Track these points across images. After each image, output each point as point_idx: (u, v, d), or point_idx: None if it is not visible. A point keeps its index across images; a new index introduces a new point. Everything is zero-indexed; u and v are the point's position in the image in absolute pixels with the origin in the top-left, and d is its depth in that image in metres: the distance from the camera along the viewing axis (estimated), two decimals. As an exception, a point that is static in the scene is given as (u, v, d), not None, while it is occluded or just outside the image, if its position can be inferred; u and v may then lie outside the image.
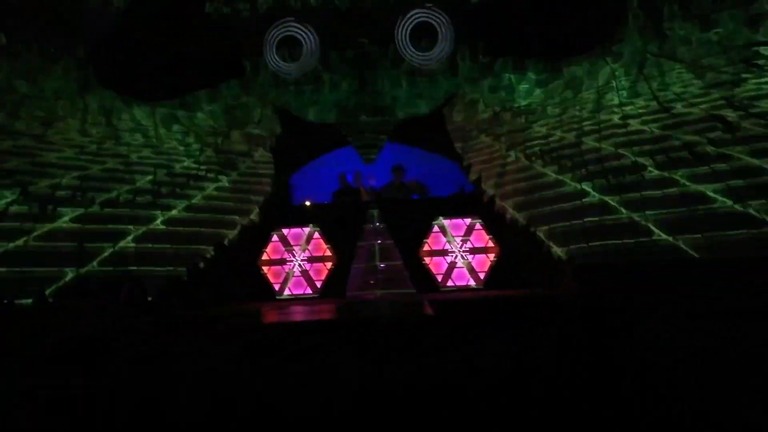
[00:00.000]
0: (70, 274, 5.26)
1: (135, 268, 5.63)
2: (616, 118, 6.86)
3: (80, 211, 5.79)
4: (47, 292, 5.04)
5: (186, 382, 3.23)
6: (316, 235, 6.87)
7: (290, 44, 7.38)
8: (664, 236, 5.27)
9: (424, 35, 7.32)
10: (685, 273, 4.47)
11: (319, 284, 6.74)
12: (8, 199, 5.52)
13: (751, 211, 5.04)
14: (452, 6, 7.33)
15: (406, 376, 3.11)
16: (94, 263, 5.49)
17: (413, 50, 7.20)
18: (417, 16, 7.16)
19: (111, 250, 5.61)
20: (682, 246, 5.09)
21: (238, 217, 6.82)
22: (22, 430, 2.68)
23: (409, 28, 7.16)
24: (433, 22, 7.21)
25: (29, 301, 4.88)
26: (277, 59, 7.33)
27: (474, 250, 6.74)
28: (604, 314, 3.40)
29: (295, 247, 6.82)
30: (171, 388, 3.22)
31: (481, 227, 6.82)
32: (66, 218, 5.69)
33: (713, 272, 4.18)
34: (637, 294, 3.67)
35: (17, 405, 3.00)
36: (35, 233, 5.38)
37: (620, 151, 6.25)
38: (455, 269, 6.71)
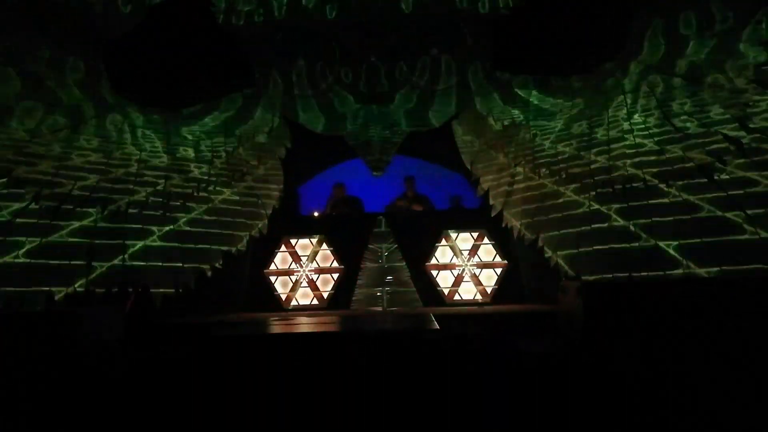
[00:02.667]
0: (80, 279, 5.30)
1: (143, 273, 5.66)
2: (623, 134, 6.87)
3: (91, 216, 5.84)
4: (56, 298, 5.08)
5: (188, 392, 3.24)
6: (324, 245, 6.89)
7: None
8: (670, 250, 5.27)
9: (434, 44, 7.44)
10: (695, 291, 4.45)
11: (326, 295, 6.74)
12: (19, 206, 5.56)
13: (756, 226, 5.04)
14: (463, 20, 7.40)
15: (411, 389, 3.10)
16: (103, 268, 5.53)
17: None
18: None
19: (120, 256, 5.65)
20: (687, 258, 5.11)
21: (246, 226, 6.85)
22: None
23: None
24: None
25: (38, 307, 4.92)
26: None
27: (481, 264, 6.72)
28: (611, 333, 3.38)
29: (302, 258, 6.84)
30: (173, 397, 3.23)
31: (489, 241, 6.80)
32: (78, 223, 5.73)
33: (724, 291, 4.15)
34: (644, 313, 3.64)
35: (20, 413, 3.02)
36: (46, 238, 5.43)
37: (627, 165, 6.25)
38: (462, 283, 6.69)
